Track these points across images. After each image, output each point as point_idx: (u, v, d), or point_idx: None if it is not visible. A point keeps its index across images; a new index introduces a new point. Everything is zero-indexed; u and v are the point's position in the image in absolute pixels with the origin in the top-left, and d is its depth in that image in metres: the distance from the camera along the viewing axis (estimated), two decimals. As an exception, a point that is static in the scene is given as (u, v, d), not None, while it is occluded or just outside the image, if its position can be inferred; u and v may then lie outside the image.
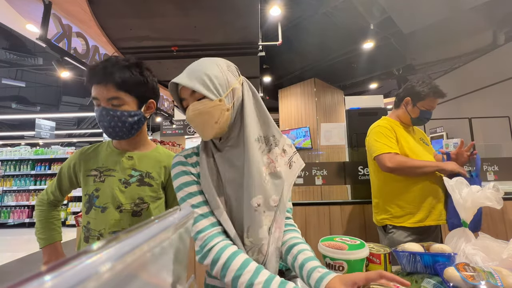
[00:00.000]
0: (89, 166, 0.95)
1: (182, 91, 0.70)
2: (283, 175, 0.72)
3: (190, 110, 0.68)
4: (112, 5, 3.39)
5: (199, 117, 0.67)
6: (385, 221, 1.45)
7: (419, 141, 1.52)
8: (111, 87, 0.86)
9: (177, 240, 0.30)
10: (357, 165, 2.12)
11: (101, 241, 0.20)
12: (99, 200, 0.90)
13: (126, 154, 0.96)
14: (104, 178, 0.92)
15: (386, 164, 1.35)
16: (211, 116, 0.67)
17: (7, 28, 3.70)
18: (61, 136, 12.21)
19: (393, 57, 5.59)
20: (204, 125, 0.68)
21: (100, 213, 0.90)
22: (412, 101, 1.47)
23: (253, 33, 4.26)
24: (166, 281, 0.29)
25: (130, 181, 0.92)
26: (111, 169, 0.93)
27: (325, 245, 0.66)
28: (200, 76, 0.66)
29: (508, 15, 4.02)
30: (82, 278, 0.15)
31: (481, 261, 0.72)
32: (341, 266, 0.62)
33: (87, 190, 0.93)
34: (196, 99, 0.68)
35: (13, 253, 4.18)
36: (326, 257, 0.65)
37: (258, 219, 0.66)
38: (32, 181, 6.25)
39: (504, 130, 4.38)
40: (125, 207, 0.90)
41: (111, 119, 0.86)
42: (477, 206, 0.86)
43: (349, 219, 1.97)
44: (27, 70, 6.25)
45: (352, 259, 0.62)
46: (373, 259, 0.71)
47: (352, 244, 0.66)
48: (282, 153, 0.76)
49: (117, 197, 0.90)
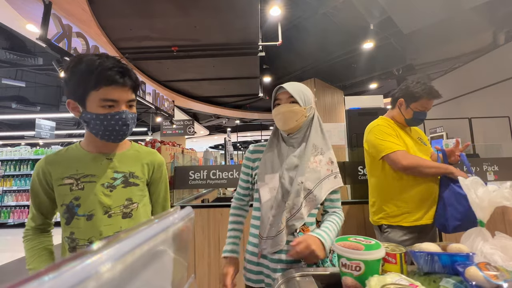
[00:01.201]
0: (60, 174, 0.87)
1: (282, 94, 1.01)
2: (321, 173, 0.98)
3: (284, 107, 0.99)
4: (112, 5, 3.40)
5: (289, 113, 0.98)
6: (381, 221, 1.45)
7: (416, 140, 1.51)
8: (128, 89, 0.86)
9: (177, 240, 0.30)
10: (357, 165, 2.12)
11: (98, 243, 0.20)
12: (81, 208, 0.85)
13: (103, 157, 0.90)
14: (83, 186, 0.86)
15: (401, 162, 1.33)
16: (296, 115, 0.98)
17: (7, 28, 3.69)
18: (61, 136, 12.22)
19: (393, 57, 5.59)
20: (290, 118, 0.98)
21: (86, 221, 0.85)
22: (405, 102, 1.45)
23: (253, 33, 4.26)
24: (166, 281, 0.29)
25: (115, 184, 0.89)
26: (90, 175, 0.87)
27: (341, 245, 0.66)
28: (298, 90, 1.00)
29: (508, 15, 4.02)
30: (82, 278, 0.15)
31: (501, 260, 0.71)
32: (358, 266, 0.62)
33: (63, 200, 0.86)
34: (290, 102, 0.99)
35: (13, 253, 4.17)
36: (342, 257, 0.64)
37: (297, 190, 0.94)
38: (32, 181, 6.25)
39: (504, 130, 4.38)
40: (114, 211, 0.88)
41: (129, 122, 0.86)
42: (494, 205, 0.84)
43: (349, 219, 1.97)
44: (27, 70, 6.24)
45: (370, 259, 0.61)
46: (389, 259, 0.70)
47: (367, 244, 0.66)
48: (329, 162, 1.02)
49: (104, 202, 0.86)
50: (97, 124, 0.82)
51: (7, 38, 4.96)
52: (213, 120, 10.25)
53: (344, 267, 0.64)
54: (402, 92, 1.47)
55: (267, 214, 0.96)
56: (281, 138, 1.06)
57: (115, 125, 0.83)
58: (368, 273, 0.60)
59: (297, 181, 0.94)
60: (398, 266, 0.69)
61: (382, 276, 0.59)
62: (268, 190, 0.98)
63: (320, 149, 1.02)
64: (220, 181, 2.09)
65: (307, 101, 1.01)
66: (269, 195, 0.97)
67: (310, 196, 0.96)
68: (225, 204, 2.02)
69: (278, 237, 0.93)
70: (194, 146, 15.90)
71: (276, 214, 0.94)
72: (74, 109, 0.85)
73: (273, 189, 0.97)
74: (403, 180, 1.40)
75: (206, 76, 5.92)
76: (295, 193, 0.94)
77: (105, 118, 0.82)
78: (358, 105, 2.95)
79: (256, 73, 5.79)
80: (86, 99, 0.81)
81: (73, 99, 0.84)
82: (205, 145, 17.40)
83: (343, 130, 3.18)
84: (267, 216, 0.96)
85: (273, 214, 0.95)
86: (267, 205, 0.97)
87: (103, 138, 0.86)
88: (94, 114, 0.82)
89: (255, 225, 1.03)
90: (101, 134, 0.84)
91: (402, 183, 1.40)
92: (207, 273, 1.91)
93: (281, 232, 0.93)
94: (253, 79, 6.18)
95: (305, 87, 1.04)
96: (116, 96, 0.82)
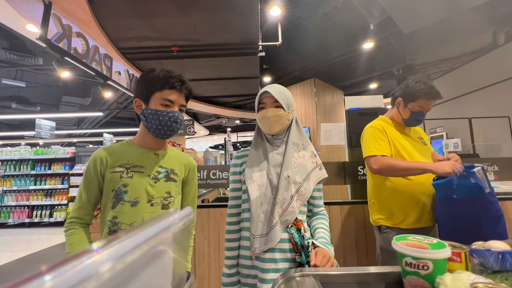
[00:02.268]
0: (113, 162, 0.99)
1: (266, 98, 1.03)
2: (307, 166, 1.03)
3: (270, 111, 1.01)
4: (112, 5, 3.39)
5: (276, 117, 1.01)
6: (380, 222, 1.45)
7: (416, 140, 1.50)
8: (183, 96, 1.05)
9: (177, 240, 0.30)
10: (357, 165, 2.12)
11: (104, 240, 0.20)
12: (128, 195, 0.96)
13: (151, 152, 1.05)
14: (132, 174, 0.99)
15: (372, 166, 1.37)
16: (281, 119, 1.02)
17: (7, 28, 3.69)
18: (61, 136, 12.21)
19: (393, 57, 5.59)
20: (276, 123, 1.02)
21: (131, 207, 0.96)
22: (403, 102, 1.43)
23: (253, 33, 4.26)
24: (166, 281, 0.29)
25: (159, 177, 1.03)
26: (139, 166, 1.01)
27: (404, 244, 0.64)
28: (282, 95, 1.03)
29: (508, 15, 4.02)
30: (82, 278, 0.15)
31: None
32: (425, 265, 0.61)
33: (113, 186, 0.97)
34: (275, 106, 1.02)
35: (13, 253, 4.17)
36: (405, 256, 0.63)
37: (285, 184, 0.97)
38: (32, 181, 6.25)
39: (504, 130, 4.38)
40: (156, 201, 1.00)
41: (178, 120, 1.03)
42: None
43: (349, 219, 1.97)
44: (27, 70, 6.24)
45: (439, 258, 0.60)
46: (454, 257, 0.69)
47: (431, 243, 0.65)
48: (312, 155, 1.07)
49: (149, 191, 0.99)
50: (154, 119, 0.99)
51: (7, 38, 4.96)
52: (213, 120, 10.25)
53: (408, 267, 0.63)
54: (401, 91, 1.45)
55: (257, 211, 0.96)
56: (265, 138, 1.09)
57: (168, 121, 1.00)
58: (436, 272, 0.60)
59: (284, 176, 0.97)
60: (463, 265, 0.68)
61: (455, 274, 0.58)
62: (257, 187, 0.99)
63: (301, 145, 1.07)
64: (220, 181, 2.09)
65: (289, 105, 1.05)
66: (258, 192, 0.98)
67: (301, 190, 0.98)
68: (225, 204, 2.02)
69: (271, 234, 0.92)
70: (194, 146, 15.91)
71: (266, 211, 0.95)
72: (138, 107, 1.03)
73: (262, 186, 0.99)
74: (395, 181, 1.40)
75: (206, 76, 5.92)
76: (284, 187, 0.96)
77: (161, 114, 0.99)
78: (358, 105, 2.95)
79: (256, 73, 5.79)
80: (150, 98, 1.00)
81: (140, 98, 1.02)
82: (205, 145, 17.40)
83: (343, 130, 3.17)
84: (257, 213, 0.96)
85: (263, 210, 0.95)
86: (256, 202, 0.97)
87: (155, 133, 1.01)
88: (154, 110, 0.99)
89: (246, 227, 1.01)
90: (154, 128, 1.00)
91: (394, 184, 1.40)
92: (207, 273, 1.91)
93: (274, 227, 0.93)
94: (253, 79, 6.18)
95: (287, 91, 1.07)
96: (173, 98, 1.01)
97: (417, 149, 1.45)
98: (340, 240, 1.96)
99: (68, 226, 0.96)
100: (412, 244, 0.65)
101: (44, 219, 6.01)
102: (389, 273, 0.71)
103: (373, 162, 1.37)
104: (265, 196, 0.97)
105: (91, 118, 9.64)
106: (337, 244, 1.95)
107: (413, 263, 0.62)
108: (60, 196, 6.12)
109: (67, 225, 0.97)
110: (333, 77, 6.56)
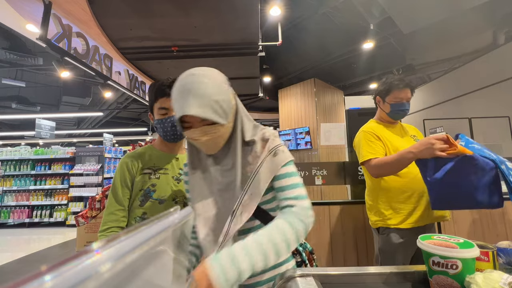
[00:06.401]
0: (142, 165, 1.10)
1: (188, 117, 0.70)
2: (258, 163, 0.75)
3: (201, 134, 0.70)
4: (112, 5, 3.39)
5: (212, 140, 0.72)
6: (378, 223, 1.45)
7: (409, 138, 1.52)
8: None
9: (177, 240, 0.30)
10: (357, 165, 2.12)
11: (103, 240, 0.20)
12: (156, 193, 1.07)
13: (172, 156, 1.16)
14: (158, 176, 1.10)
15: (370, 171, 1.41)
16: (222, 138, 0.74)
17: (7, 28, 3.70)
18: (61, 136, 12.21)
19: (392, 57, 5.60)
20: (215, 145, 0.75)
21: (158, 205, 1.07)
22: (381, 99, 1.54)
23: (253, 33, 4.26)
24: (166, 281, 0.29)
25: (180, 178, 1.13)
26: (163, 168, 1.12)
27: (430, 243, 0.64)
28: (211, 104, 0.67)
29: (508, 15, 4.02)
30: (82, 278, 0.15)
31: None
32: (454, 264, 0.60)
33: (142, 186, 1.07)
34: (206, 124, 0.70)
35: (13, 253, 4.17)
36: (433, 255, 0.62)
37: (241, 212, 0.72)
38: (32, 181, 6.24)
39: (504, 130, 4.37)
40: (179, 199, 1.10)
41: (176, 124, 1.04)
42: None
43: (349, 219, 1.97)
44: (27, 70, 6.24)
45: (468, 257, 0.60)
46: (482, 257, 0.68)
47: (458, 242, 0.64)
48: (263, 143, 0.77)
49: (173, 190, 1.10)
50: (159, 128, 1.09)
51: (7, 38, 4.96)
52: (213, 120, 10.23)
53: (436, 266, 0.62)
54: (377, 90, 1.58)
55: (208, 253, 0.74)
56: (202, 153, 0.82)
57: (167, 126, 1.07)
58: (465, 272, 0.59)
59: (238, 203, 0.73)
60: (491, 264, 0.67)
61: (486, 273, 0.58)
62: (203, 222, 0.77)
63: (252, 142, 0.78)
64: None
65: (228, 108, 0.72)
66: (205, 229, 0.76)
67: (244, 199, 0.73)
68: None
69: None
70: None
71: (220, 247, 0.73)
72: (152, 119, 1.13)
73: (208, 220, 0.77)
74: (390, 181, 1.40)
75: (206, 76, 5.90)
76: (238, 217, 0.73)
77: (162, 122, 1.07)
78: (358, 105, 2.95)
79: (256, 73, 5.78)
80: (153, 110, 1.10)
81: (150, 111, 1.14)
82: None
83: (343, 130, 3.18)
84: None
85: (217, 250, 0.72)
86: (206, 241, 0.75)
87: (165, 139, 1.10)
88: (156, 120, 1.09)
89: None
90: (163, 135, 1.09)
91: (390, 184, 1.40)
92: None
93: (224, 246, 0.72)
94: (253, 79, 6.17)
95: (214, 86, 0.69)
96: (167, 105, 1.06)
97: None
98: (340, 240, 1.96)
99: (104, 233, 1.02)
100: (439, 244, 0.64)
101: (44, 219, 6.01)
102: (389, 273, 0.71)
103: (368, 167, 1.41)
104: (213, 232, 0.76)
105: (91, 118, 9.65)
106: (337, 244, 1.95)
107: (441, 262, 0.62)
108: (60, 196, 6.12)
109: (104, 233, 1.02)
110: (333, 77, 6.56)
